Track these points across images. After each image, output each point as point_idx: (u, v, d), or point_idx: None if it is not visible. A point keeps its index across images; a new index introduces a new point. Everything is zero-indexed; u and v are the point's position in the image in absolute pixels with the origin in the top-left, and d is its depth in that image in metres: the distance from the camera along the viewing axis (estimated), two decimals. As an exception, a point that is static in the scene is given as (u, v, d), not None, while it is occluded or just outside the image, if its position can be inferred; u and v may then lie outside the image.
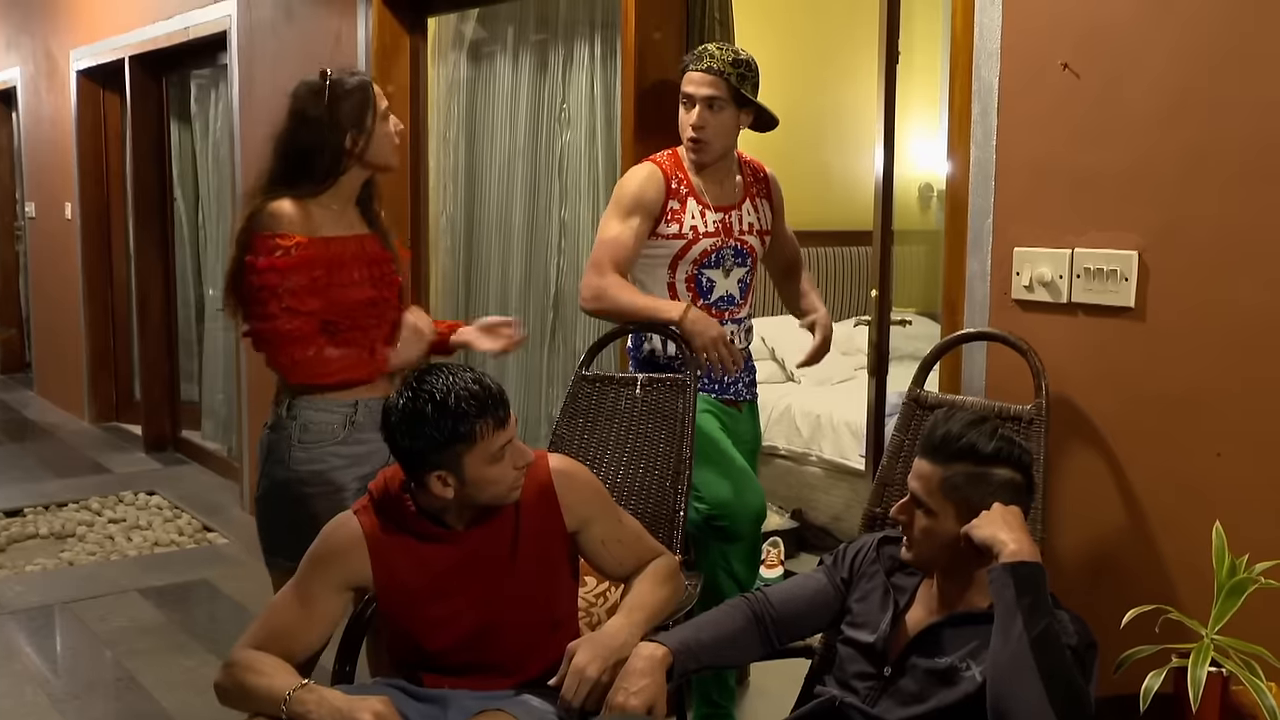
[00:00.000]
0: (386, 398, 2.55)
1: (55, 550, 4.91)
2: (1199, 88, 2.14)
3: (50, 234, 7.82)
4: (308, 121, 2.47)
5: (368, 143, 2.50)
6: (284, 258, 2.38)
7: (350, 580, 2.03)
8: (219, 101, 6.12)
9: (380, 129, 2.52)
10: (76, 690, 3.53)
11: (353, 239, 2.53)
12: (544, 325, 4.33)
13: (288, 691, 1.84)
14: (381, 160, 2.55)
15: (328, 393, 2.48)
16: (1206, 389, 2.17)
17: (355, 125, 2.48)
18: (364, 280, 2.51)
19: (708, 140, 2.86)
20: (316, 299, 2.42)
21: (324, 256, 2.43)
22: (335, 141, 2.47)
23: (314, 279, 2.41)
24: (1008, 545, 1.77)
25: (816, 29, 6.16)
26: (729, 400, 2.99)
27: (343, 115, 2.47)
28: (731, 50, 2.85)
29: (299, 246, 2.39)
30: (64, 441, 7.01)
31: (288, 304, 2.39)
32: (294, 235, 2.40)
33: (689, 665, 1.99)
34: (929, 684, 1.88)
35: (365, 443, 2.51)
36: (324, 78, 2.50)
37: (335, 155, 2.48)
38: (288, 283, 2.38)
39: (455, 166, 4.60)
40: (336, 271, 2.46)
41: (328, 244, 2.45)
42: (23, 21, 8.00)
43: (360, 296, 2.50)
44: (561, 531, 2.12)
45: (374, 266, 2.55)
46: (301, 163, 2.47)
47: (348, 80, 2.51)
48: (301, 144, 2.47)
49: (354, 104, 2.49)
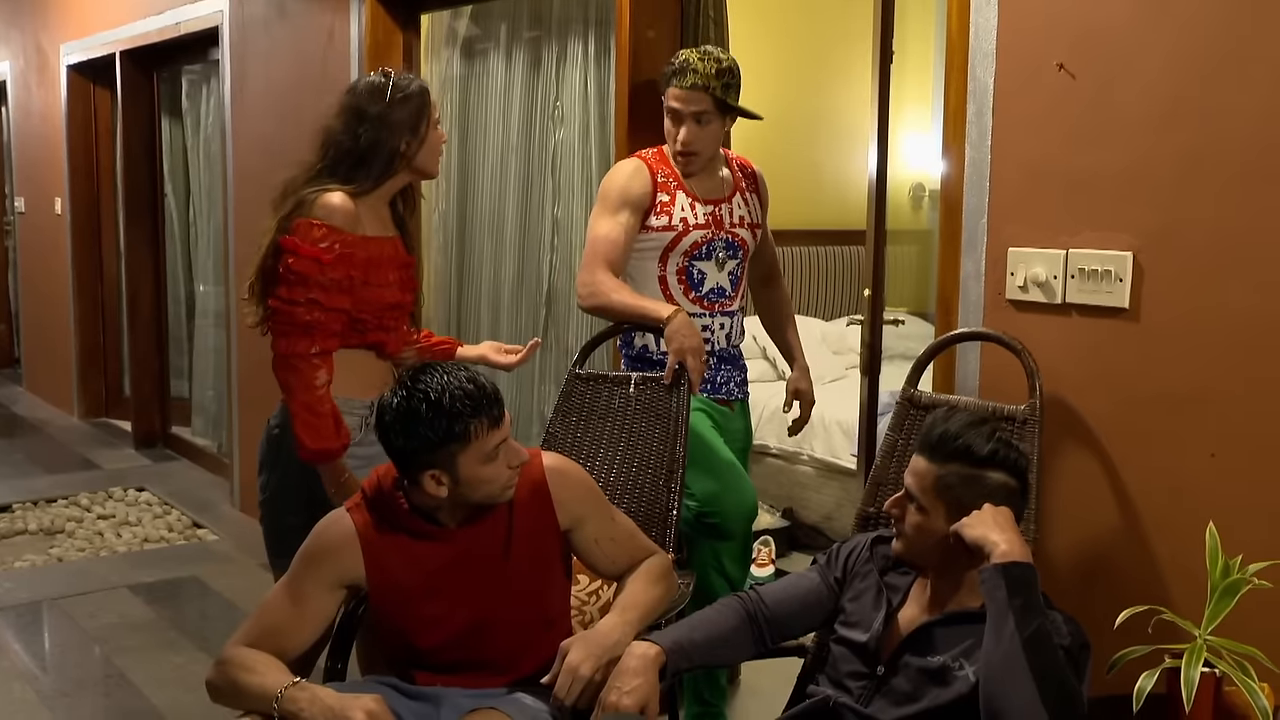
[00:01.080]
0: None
1: (44, 546, 4.89)
2: (1195, 90, 2.14)
3: (40, 229, 7.79)
4: (365, 119, 2.48)
5: (419, 148, 2.52)
6: (328, 250, 2.38)
7: (343, 578, 2.02)
8: (210, 97, 6.11)
9: (432, 136, 2.54)
10: (65, 687, 3.52)
11: (389, 241, 2.55)
12: (536, 323, 4.32)
13: (279, 689, 1.84)
14: (428, 167, 2.58)
15: (344, 392, 2.46)
16: (1200, 390, 2.17)
17: (411, 130, 2.50)
18: (395, 283, 2.54)
19: (698, 153, 2.87)
20: (346, 297, 2.43)
21: (362, 256, 2.44)
22: (392, 143, 2.49)
23: (349, 277, 2.42)
24: (999, 545, 1.77)
25: (810, 28, 6.17)
26: (721, 399, 2.99)
27: (400, 118, 2.49)
28: (712, 58, 2.83)
29: (343, 243, 2.40)
30: (53, 437, 6.99)
31: (315, 295, 2.38)
32: (341, 230, 2.40)
33: (682, 664, 1.99)
34: (922, 683, 1.88)
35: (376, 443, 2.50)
36: (386, 78, 2.52)
37: (390, 157, 2.49)
38: (324, 276, 2.38)
39: (448, 164, 4.59)
40: (374, 271, 2.47)
41: (367, 243, 2.46)
42: (12, 15, 7.96)
43: (390, 299, 2.53)
44: (555, 530, 2.12)
45: (403, 270, 2.58)
46: (357, 159, 2.48)
47: (408, 84, 2.53)
48: (358, 140, 2.48)
49: (412, 108, 2.50)
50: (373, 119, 2.48)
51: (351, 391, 2.49)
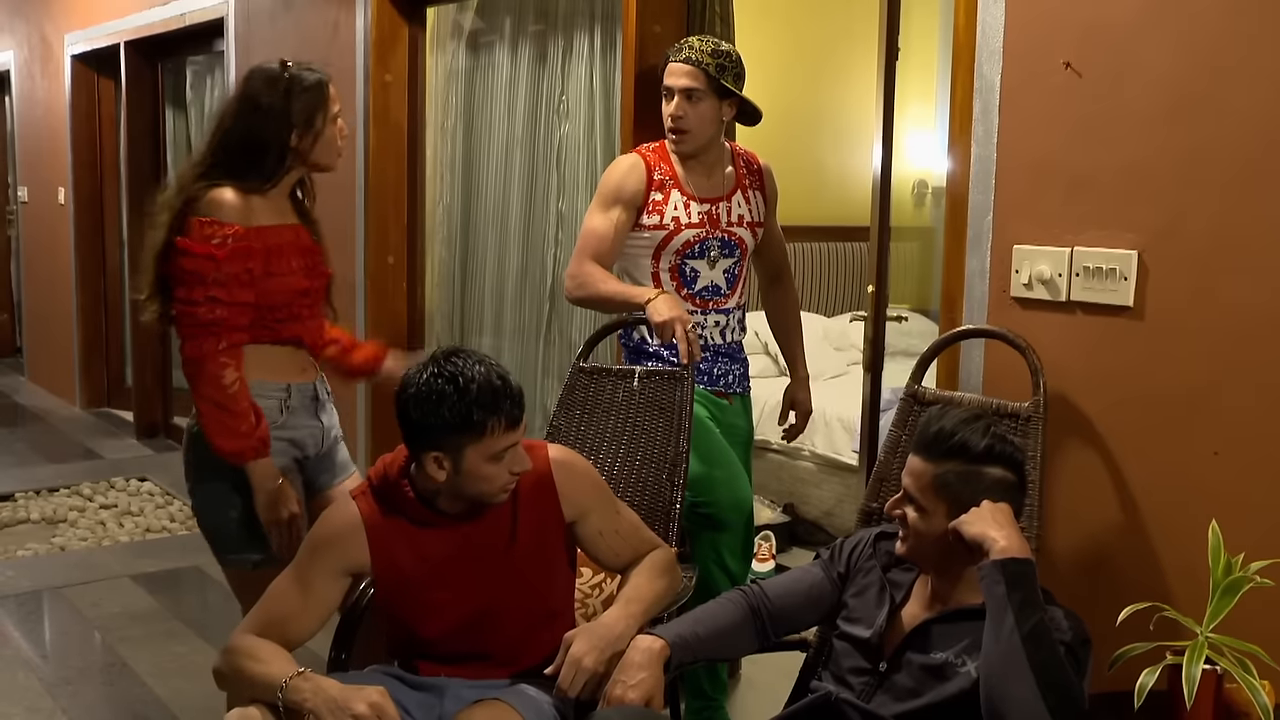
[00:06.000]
0: (314, 384, 2.55)
1: (47, 535, 4.90)
2: (1200, 88, 2.15)
3: (43, 219, 7.80)
4: (259, 110, 2.40)
5: (314, 143, 2.44)
6: (220, 246, 2.31)
7: (349, 565, 2.03)
8: (214, 88, 6.11)
9: (329, 131, 2.46)
10: (68, 675, 3.53)
11: (288, 228, 2.48)
12: (540, 317, 4.33)
13: (284, 679, 1.84)
14: (324, 162, 2.49)
15: (257, 376, 2.41)
16: (1204, 388, 2.18)
17: (305, 123, 2.42)
18: (299, 269, 2.47)
19: (687, 130, 2.86)
20: (249, 290, 2.36)
21: (260, 247, 2.38)
22: (283, 137, 2.40)
23: (248, 270, 2.35)
24: (998, 542, 1.77)
25: (815, 25, 6.17)
26: (719, 392, 3.00)
27: (294, 111, 2.40)
28: (712, 41, 2.86)
29: (235, 237, 2.33)
30: (55, 427, 7.00)
31: (214, 293, 2.31)
32: (232, 225, 2.33)
33: (685, 658, 2.00)
34: (924, 679, 1.89)
35: (297, 427, 2.51)
36: (283, 69, 2.43)
37: (281, 152, 2.41)
38: (219, 273, 2.31)
39: (452, 156, 4.60)
40: (274, 260, 2.41)
41: (263, 233, 2.39)
42: (17, 5, 7.96)
43: (296, 286, 2.46)
44: (559, 522, 2.13)
45: (307, 256, 2.51)
46: (248, 154, 2.40)
47: (306, 76, 2.43)
48: (249, 133, 2.40)
49: (308, 101, 2.42)
50: (265, 110, 2.39)
51: (265, 376, 2.44)
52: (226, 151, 2.40)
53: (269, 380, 2.45)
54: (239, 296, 2.34)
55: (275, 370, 2.47)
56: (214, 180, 2.37)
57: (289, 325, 2.47)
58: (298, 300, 2.48)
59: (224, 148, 2.41)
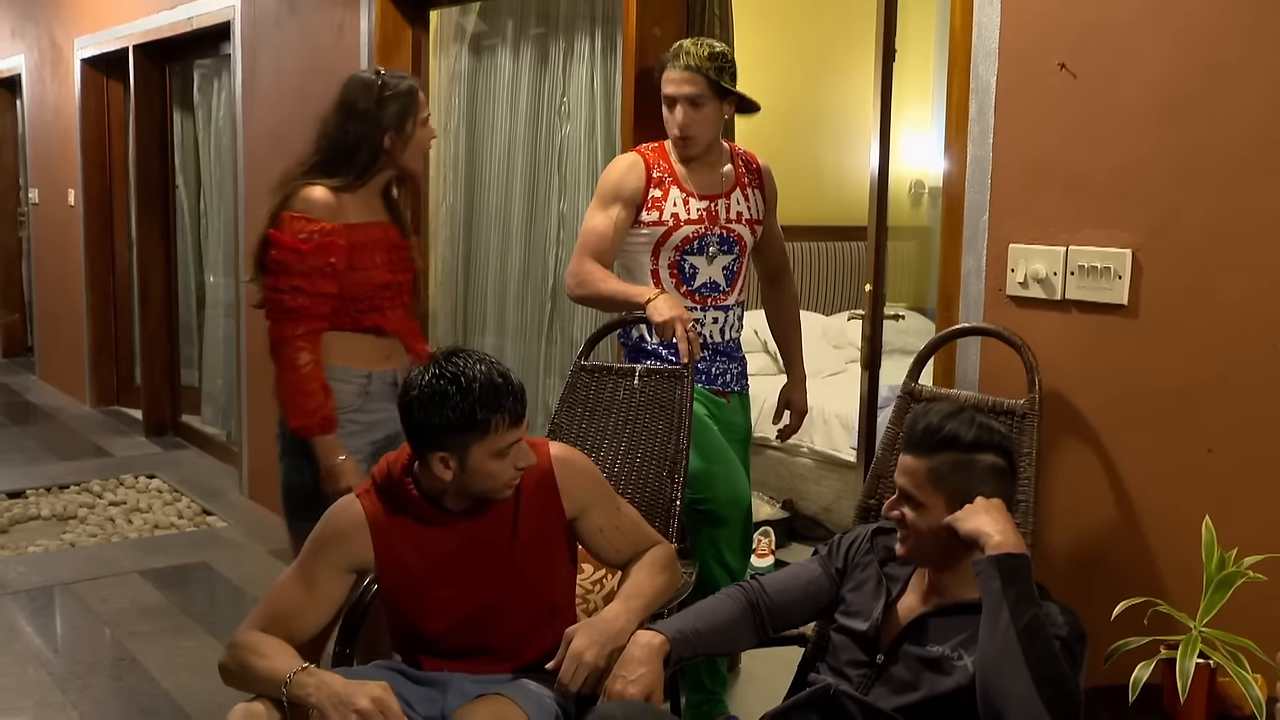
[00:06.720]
0: (394, 371, 2.70)
1: (57, 532, 4.94)
2: (1194, 87, 2.16)
3: (53, 220, 7.84)
4: (354, 113, 2.59)
5: (404, 146, 2.63)
6: (306, 241, 2.51)
7: (353, 562, 2.06)
8: (221, 91, 6.14)
9: (419, 134, 2.64)
10: (78, 670, 3.56)
11: (376, 225, 2.66)
12: (542, 316, 4.35)
13: (288, 674, 1.87)
14: (412, 165, 2.69)
15: (341, 363, 2.61)
16: (1198, 386, 2.19)
17: (396, 127, 2.60)
18: (383, 264, 2.65)
19: (695, 136, 2.89)
20: (332, 282, 2.55)
21: (346, 242, 2.55)
22: (376, 138, 2.59)
23: (331, 264, 2.53)
24: (993, 537, 1.79)
25: (813, 26, 6.18)
26: (717, 390, 3.02)
27: (387, 115, 2.59)
28: (706, 44, 2.88)
29: (322, 232, 2.52)
30: (65, 425, 7.04)
31: (297, 283, 2.52)
32: (320, 221, 2.52)
33: (685, 653, 2.02)
34: (921, 672, 1.90)
35: (376, 411, 2.67)
36: (377, 75, 2.63)
37: (374, 152, 2.60)
38: (304, 264, 2.51)
39: (456, 157, 4.62)
40: (359, 255, 2.59)
41: (351, 229, 2.58)
42: (28, 9, 8.00)
43: (379, 279, 2.64)
44: (560, 518, 2.15)
45: (392, 252, 2.68)
46: (342, 154, 2.59)
47: (398, 81, 2.62)
48: (345, 134, 2.59)
49: (400, 106, 2.61)
50: (360, 114, 2.59)
51: (350, 363, 2.63)
52: (324, 151, 2.62)
53: (352, 366, 2.64)
54: (321, 287, 2.54)
55: (357, 357, 2.65)
56: (311, 178, 2.58)
57: (370, 315, 2.65)
58: (380, 293, 2.66)
59: (322, 148, 2.62)
